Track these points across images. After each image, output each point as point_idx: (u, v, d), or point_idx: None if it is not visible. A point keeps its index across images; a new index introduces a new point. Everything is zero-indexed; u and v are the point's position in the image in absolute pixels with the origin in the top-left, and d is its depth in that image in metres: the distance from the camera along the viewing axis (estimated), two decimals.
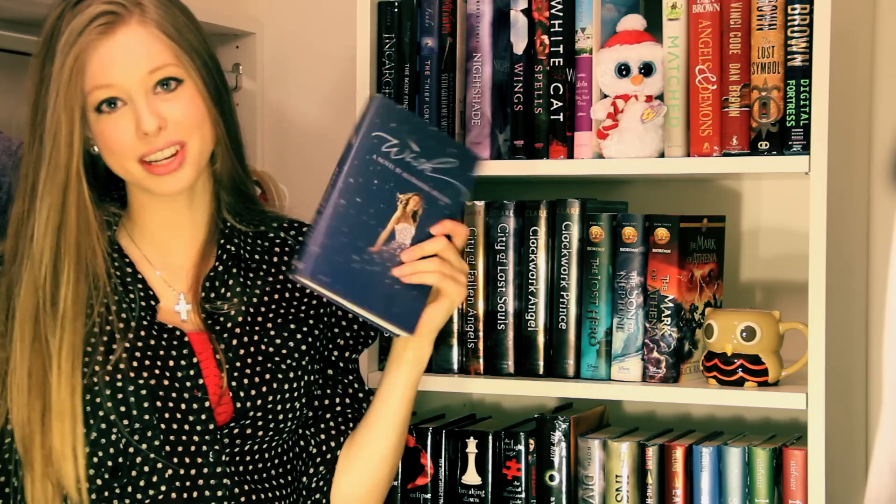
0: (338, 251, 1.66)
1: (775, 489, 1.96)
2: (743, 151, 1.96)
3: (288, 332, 1.76)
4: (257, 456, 1.72)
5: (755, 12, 1.94)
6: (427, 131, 1.73)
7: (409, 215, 1.70)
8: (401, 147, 1.69)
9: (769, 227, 2.23)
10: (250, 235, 1.81)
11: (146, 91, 1.65)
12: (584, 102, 2.04)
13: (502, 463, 2.11)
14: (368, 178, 1.68)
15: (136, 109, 1.64)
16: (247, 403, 1.70)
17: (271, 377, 1.72)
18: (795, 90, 1.92)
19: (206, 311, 1.73)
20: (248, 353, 1.72)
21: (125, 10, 1.65)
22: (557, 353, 2.07)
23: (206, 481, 1.67)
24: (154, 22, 1.66)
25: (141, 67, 1.65)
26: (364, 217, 1.67)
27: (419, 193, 1.70)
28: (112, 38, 1.64)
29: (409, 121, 1.72)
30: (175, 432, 1.66)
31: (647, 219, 2.03)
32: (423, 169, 1.71)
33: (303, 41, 2.53)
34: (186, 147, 1.67)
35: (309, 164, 2.49)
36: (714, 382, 1.99)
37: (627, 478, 2.01)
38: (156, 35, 1.66)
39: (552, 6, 2.04)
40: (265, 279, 1.79)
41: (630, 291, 2.02)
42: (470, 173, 1.75)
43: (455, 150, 1.74)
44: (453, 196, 1.73)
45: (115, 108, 1.65)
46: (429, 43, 2.12)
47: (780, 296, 2.21)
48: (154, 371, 1.66)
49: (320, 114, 2.51)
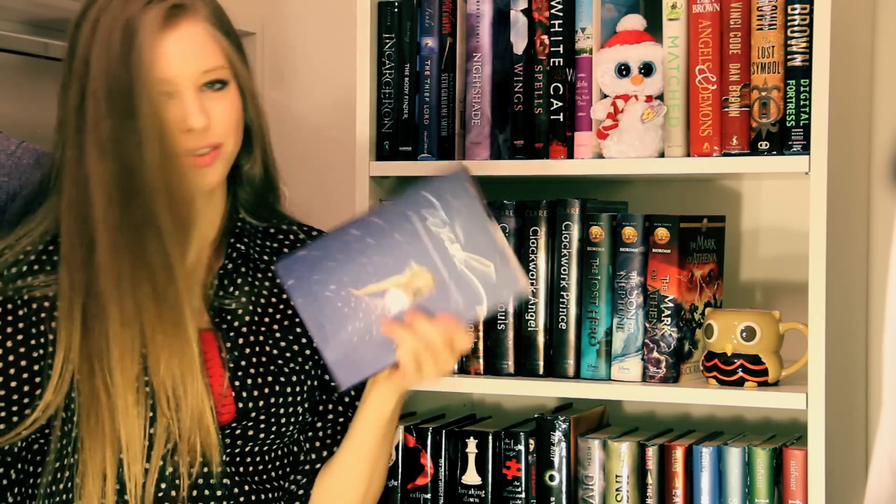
0: (321, 269, 1.59)
1: (775, 489, 1.96)
2: (743, 151, 1.96)
3: (293, 335, 1.76)
4: (258, 458, 1.72)
5: (755, 12, 1.94)
6: (483, 228, 1.56)
7: (411, 288, 1.58)
8: (443, 223, 1.56)
9: (769, 227, 2.23)
10: (260, 232, 1.81)
11: (196, 87, 1.64)
12: (584, 102, 2.04)
13: (502, 463, 2.11)
14: (392, 228, 1.56)
15: (185, 104, 1.63)
16: (248, 404, 1.70)
17: (274, 380, 1.71)
18: (795, 90, 1.92)
19: (214, 309, 1.73)
20: (252, 353, 1.72)
21: (189, 2, 1.64)
22: (557, 353, 2.07)
23: (205, 480, 1.67)
24: (214, 19, 1.66)
25: (198, 66, 1.64)
26: (364, 259, 1.57)
27: (435, 276, 1.57)
28: (175, 31, 1.63)
29: (470, 207, 1.55)
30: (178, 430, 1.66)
31: (647, 219, 2.03)
32: (454, 257, 1.56)
33: (303, 41, 2.53)
34: (221, 148, 1.67)
35: (309, 165, 2.49)
36: (714, 382, 1.99)
37: (627, 478, 2.02)
38: (213, 34, 1.65)
39: (552, 6, 2.04)
40: (273, 280, 1.79)
41: (630, 291, 2.02)
42: (502, 293, 1.57)
43: (500, 264, 1.56)
44: (470, 302, 1.56)
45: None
46: (429, 43, 2.12)
47: (780, 296, 2.21)
48: None
49: (320, 114, 2.51)
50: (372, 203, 2.13)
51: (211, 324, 1.72)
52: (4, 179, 1.97)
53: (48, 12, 2.17)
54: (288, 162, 2.50)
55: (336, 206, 2.46)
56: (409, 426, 2.15)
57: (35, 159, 2.00)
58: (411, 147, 2.12)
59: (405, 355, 1.59)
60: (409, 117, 2.13)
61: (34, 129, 2.15)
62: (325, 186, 2.48)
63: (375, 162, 2.14)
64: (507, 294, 1.59)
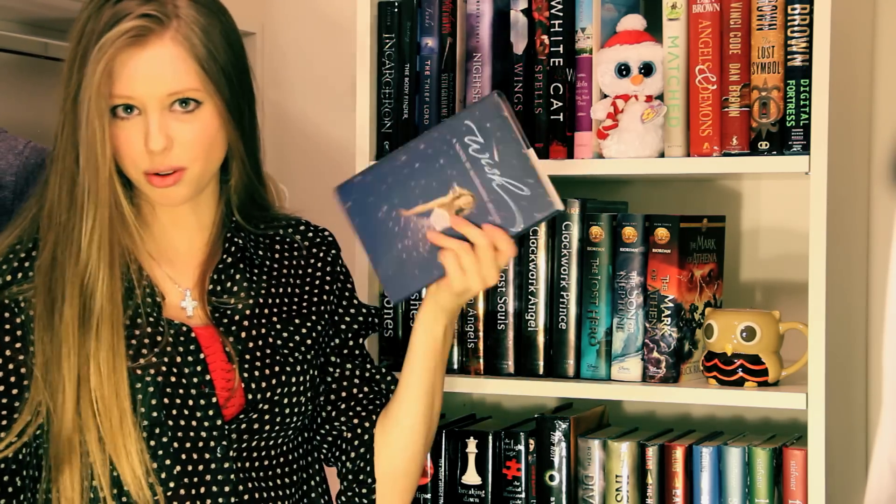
0: (374, 192, 1.72)
1: (775, 489, 1.96)
2: (743, 151, 1.96)
3: (294, 326, 1.78)
4: (263, 453, 1.73)
5: (755, 12, 1.94)
6: (517, 151, 1.68)
7: (453, 207, 1.70)
8: (483, 148, 1.69)
9: (769, 227, 2.23)
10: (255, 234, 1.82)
11: (162, 108, 1.64)
12: (584, 102, 2.04)
13: (502, 463, 2.11)
14: (437, 154, 1.69)
15: (147, 124, 1.64)
16: (258, 395, 1.71)
17: (280, 370, 1.73)
18: (795, 90, 1.92)
19: (213, 306, 1.74)
20: (256, 345, 1.73)
21: (160, 24, 1.63)
22: (557, 353, 2.07)
23: (213, 477, 1.68)
24: (187, 41, 1.64)
25: (164, 87, 1.64)
26: (412, 182, 1.70)
27: (475, 197, 1.69)
28: (142, 51, 1.63)
29: (506, 130, 1.68)
30: (183, 429, 1.67)
31: (647, 219, 2.03)
32: (492, 179, 1.69)
33: (303, 41, 2.53)
34: (185, 171, 1.67)
35: (309, 164, 2.49)
36: (714, 382, 1.99)
37: (627, 478, 2.02)
38: (184, 58, 1.64)
39: (552, 6, 2.04)
40: (269, 275, 1.80)
41: (630, 291, 2.02)
42: (536, 213, 1.69)
43: (534, 184, 1.68)
44: (506, 221, 1.69)
45: (130, 114, 1.65)
46: (429, 43, 2.12)
47: (780, 296, 2.21)
48: (161, 368, 1.67)
49: (320, 114, 2.51)
50: None
51: (210, 319, 1.73)
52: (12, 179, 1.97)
53: (48, 12, 2.17)
54: (288, 162, 2.51)
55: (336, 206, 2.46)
56: None
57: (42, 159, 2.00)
58: None
59: (449, 259, 1.69)
60: (409, 117, 2.12)
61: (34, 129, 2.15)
62: (325, 186, 2.48)
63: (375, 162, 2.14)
64: (540, 214, 1.70)
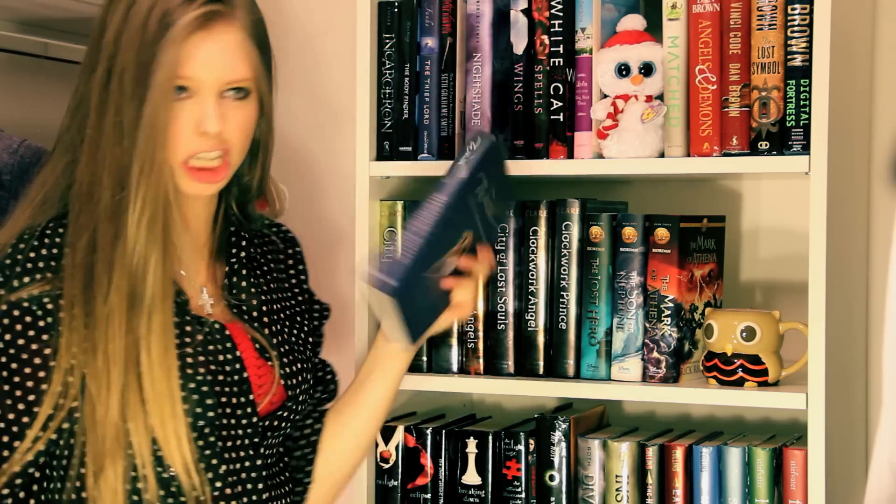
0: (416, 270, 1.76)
1: (775, 489, 1.96)
2: (743, 151, 1.96)
3: (296, 321, 1.81)
4: (274, 450, 1.75)
5: (755, 12, 1.94)
6: (507, 181, 1.84)
7: (459, 251, 1.81)
8: (485, 190, 1.78)
9: (769, 227, 2.23)
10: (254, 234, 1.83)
11: (218, 93, 1.63)
12: (584, 102, 2.04)
13: (502, 463, 2.11)
14: (457, 213, 1.77)
15: (203, 107, 1.62)
16: (295, 390, 1.75)
17: (302, 365, 1.78)
18: (795, 90, 1.92)
19: (229, 302, 1.74)
20: (281, 340, 1.74)
21: (229, 8, 1.63)
22: (557, 353, 2.07)
23: (248, 474, 1.68)
24: (252, 28, 1.66)
25: (228, 74, 1.63)
26: (439, 249, 1.78)
27: (475, 234, 1.82)
28: (211, 36, 1.62)
29: (501, 166, 1.82)
30: (226, 427, 1.66)
31: (647, 219, 2.03)
32: (487, 212, 1.81)
33: (302, 41, 2.53)
34: (230, 155, 1.66)
35: (309, 165, 2.49)
36: (714, 382, 1.99)
37: (627, 478, 2.02)
38: (245, 46, 1.65)
39: (552, 6, 2.04)
40: (271, 275, 1.82)
41: (630, 291, 2.02)
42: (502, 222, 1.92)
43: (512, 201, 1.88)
44: (493, 239, 1.90)
45: (181, 94, 1.62)
46: (429, 43, 2.12)
47: (780, 296, 2.21)
48: (210, 367, 1.65)
49: (320, 114, 2.51)
50: (371, 203, 2.13)
51: (235, 315, 1.73)
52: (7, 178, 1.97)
53: (48, 12, 2.17)
54: (288, 162, 2.51)
55: (336, 206, 2.46)
56: (409, 426, 2.14)
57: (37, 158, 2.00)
58: (411, 147, 2.12)
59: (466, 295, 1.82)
60: (409, 117, 2.13)
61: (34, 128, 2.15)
62: (325, 186, 2.49)
63: (375, 162, 2.14)
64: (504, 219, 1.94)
